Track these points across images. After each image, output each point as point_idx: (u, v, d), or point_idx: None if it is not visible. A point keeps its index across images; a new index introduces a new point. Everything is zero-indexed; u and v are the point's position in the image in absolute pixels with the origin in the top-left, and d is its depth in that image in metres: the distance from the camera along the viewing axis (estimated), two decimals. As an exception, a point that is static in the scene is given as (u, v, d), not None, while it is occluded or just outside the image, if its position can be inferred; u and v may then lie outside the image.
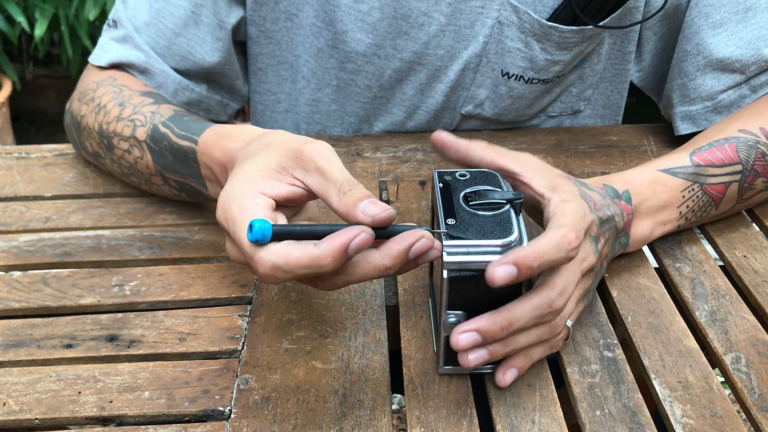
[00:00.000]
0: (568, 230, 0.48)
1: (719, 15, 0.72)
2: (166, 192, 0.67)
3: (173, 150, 0.62)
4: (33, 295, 0.60)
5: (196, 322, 0.57)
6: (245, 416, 0.49)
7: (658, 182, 0.61)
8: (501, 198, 0.50)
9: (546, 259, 0.46)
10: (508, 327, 0.47)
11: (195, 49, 0.77)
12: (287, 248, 0.44)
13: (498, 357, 0.49)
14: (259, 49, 0.82)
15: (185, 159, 0.61)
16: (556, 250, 0.47)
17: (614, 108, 0.86)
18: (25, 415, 0.49)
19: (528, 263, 0.45)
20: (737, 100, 0.73)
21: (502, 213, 0.49)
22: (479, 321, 0.47)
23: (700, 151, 0.63)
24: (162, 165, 0.64)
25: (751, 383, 0.51)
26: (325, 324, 0.56)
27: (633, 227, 0.60)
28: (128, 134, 0.66)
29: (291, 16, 0.79)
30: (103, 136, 0.69)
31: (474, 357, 0.48)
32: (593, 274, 0.54)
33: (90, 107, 0.71)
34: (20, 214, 0.70)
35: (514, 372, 0.50)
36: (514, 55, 0.75)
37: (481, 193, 0.51)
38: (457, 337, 0.47)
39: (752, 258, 0.63)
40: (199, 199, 0.65)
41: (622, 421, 0.48)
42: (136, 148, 0.65)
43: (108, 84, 0.73)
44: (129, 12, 0.76)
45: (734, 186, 0.63)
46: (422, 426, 0.48)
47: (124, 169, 0.69)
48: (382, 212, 0.45)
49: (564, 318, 0.50)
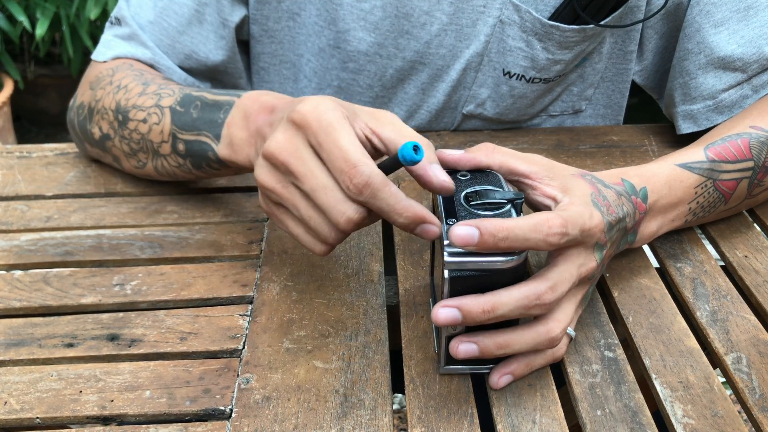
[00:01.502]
0: (555, 216, 0.47)
1: (720, 13, 0.72)
2: (168, 165, 0.66)
3: (206, 105, 0.61)
4: (34, 294, 0.60)
5: (197, 322, 0.57)
6: (246, 416, 0.49)
7: (675, 179, 0.60)
8: (502, 198, 0.50)
9: (516, 235, 0.45)
10: (491, 311, 0.46)
11: (199, 48, 0.77)
12: (385, 178, 0.47)
13: (489, 355, 0.48)
14: (261, 48, 0.82)
15: (216, 109, 0.60)
16: (531, 230, 0.46)
17: (616, 107, 0.86)
18: (26, 414, 0.49)
19: (491, 230, 0.45)
20: (739, 100, 0.73)
21: (503, 213, 0.49)
22: (462, 299, 0.46)
23: (714, 145, 0.63)
24: (180, 124, 0.62)
25: (752, 383, 0.51)
26: (326, 323, 0.56)
27: (642, 225, 0.59)
28: (150, 104, 0.65)
29: (293, 15, 0.79)
30: (119, 112, 0.68)
31: (463, 348, 0.48)
32: (592, 281, 0.53)
33: (107, 90, 0.70)
34: (21, 213, 0.70)
35: (509, 378, 0.50)
36: (516, 54, 0.75)
37: (482, 193, 0.50)
38: (437, 310, 0.46)
39: (753, 258, 0.63)
40: (198, 170, 0.64)
41: (623, 421, 0.48)
42: (155, 115, 0.65)
43: (126, 69, 0.72)
44: (132, 10, 0.76)
45: (744, 182, 0.63)
46: (423, 426, 0.48)
47: (132, 144, 0.68)
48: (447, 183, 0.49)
49: (563, 327, 0.50)
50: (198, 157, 0.62)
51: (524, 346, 0.48)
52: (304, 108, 0.48)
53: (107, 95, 0.70)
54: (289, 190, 0.49)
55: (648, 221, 0.59)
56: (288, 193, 0.49)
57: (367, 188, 0.46)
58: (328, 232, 0.49)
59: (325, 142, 0.47)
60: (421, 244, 0.64)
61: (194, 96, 0.63)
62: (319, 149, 0.47)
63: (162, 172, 0.68)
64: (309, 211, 0.49)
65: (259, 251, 0.64)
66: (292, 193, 0.49)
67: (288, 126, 0.49)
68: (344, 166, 0.46)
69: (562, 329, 0.49)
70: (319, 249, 0.51)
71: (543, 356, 0.51)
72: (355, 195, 0.46)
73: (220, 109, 0.60)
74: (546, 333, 0.48)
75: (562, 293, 0.48)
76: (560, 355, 0.51)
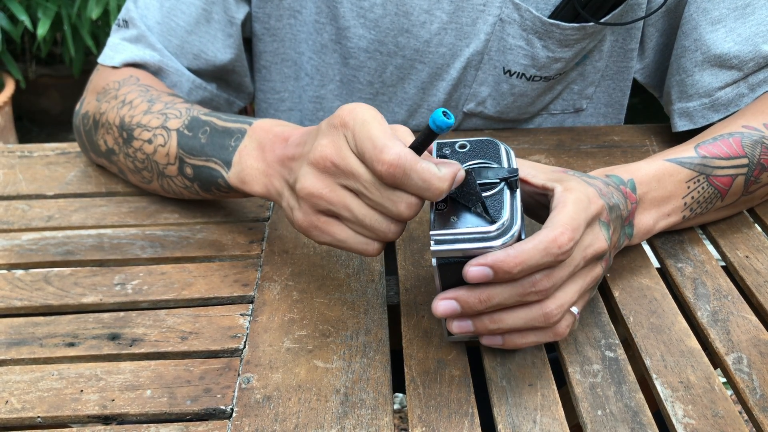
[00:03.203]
0: (562, 231, 0.47)
1: (718, 11, 0.72)
2: (174, 186, 0.66)
3: (216, 131, 0.61)
4: (35, 293, 0.60)
5: (198, 321, 0.57)
6: (247, 415, 0.49)
7: (665, 173, 0.60)
8: (495, 176, 0.48)
9: (530, 264, 0.46)
10: (487, 300, 0.47)
11: (207, 47, 0.77)
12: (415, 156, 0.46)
13: (484, 331, 0.49)
14: (263, 46, 0.82)
15: (227, 137, 0.60)
16: (543, 254, 0.46)
17: (617, 106, 0.86)
18: (27, 413, 0.49)
19: (506, 268, 0.45)
20: (735, 99, 0.73)
21: (495, 193, 0.47)
22: (459, 290, 0.47)
23: (704, 144, 0.63)
24: (188, 149, 0.63)
25: (753, 384, 0.51)
26: (326, 323, 0.56)
27: (637, 218, 0.59)
28: (156, 125, 0.65)
29: (295, 13, 0.79)
30: (123, 129, 0.68)
31: (458, 325, 0.49)
32: (603, 261, 0.52)
33: (112, 104, 0.70)
34: (23, 212, 0.70)
35: (498, 340, 0.50)
36: (516, 52, 0.75)
37: (475, 171, 0.49)
38: (437, 303, 0.47)
39: (754, 258, 0.63)
40: (207, 193, 0.64)
41: (623, 421, 0.48)
42: (160, 137, 0.65)
43: (131, 83, 0.72)
44: (140, 11, 0.76)
45: (740, 179, 0.63)
46: (424, 425, 0.48)
47: (137, 162, 0.68)
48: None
49: (561, 305, 0.49)
50: (207, 182, 0.63)
51: (518, 321, 0.48)
52: (342, 111, 0.49)
53: (111, 109, 0.70)
54: (338, 192, 0.49)
55: (641, 213, 0.59)
56: (338, 196, 0.49)
57: (397, 169, 0.45)
58: (386, 226, 0.48)
59: (358, 137, 0.47)
60: (422, 244, 0.64)
61: (202, 120, 0.63)
62: (355, 145, 0.47)
63: (168, 191, 0.68)
64: (363, 209, 0.48)
65: (260, 251, 0.64)
66: (343, 195, 0.49)
67: (329, 129, 0.49)
68: (373, 153, 0.46)
69: (558, 306, 0.48)
70: (373, 248, 0.50)
71: (543, 333, 0.50)
72: (390, 180, 0.46)
73: (231, 137, 0.60)
74: (539, 309, 0.48)
75: (560, 279, 0.48)
76: (561, 333, 0.50)
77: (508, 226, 0.46)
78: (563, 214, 0.48)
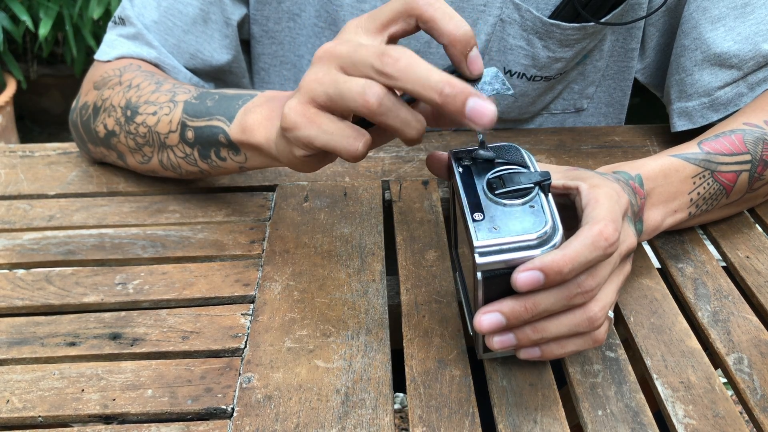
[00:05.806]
0: (606, 224, 0.45)
1: (717, 10, 0.72)
2: (173, 157, 0.66)
3: (225, 96, 0.61)
4: (36, 293, 0.60)
5: (199, 321, 0.57)
6: (247, 415, 0.49)
7: (671, 168, 0.60)
8: (528, 181, 0.46)
9: (580, 262, 0.44)
10: (534, 308, 0.45)
11: (204, 47, 0.77)
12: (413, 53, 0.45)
13: (527, 343, 0.47)
14: (262, 49, 0.82)
15: (236, 99, 0.60)
16: (592, 250, 0.44)
17: (618, 106, 0.86)
18: (28, 412, 0.49)
19: (557, 268, 0.43)
20: (734, 98, 0.73)
21: (531, 198, 0.46)
22: (503, 302, 0.45)
23: (707, 140, 0.63)
24: (192, 113, 0.62)
25: (754, 384, 0.51)
26: (327, 323, 0.56)
27: (645, 214, 0.58)
28: (164, 100, 0.65)
29: (293, 16, 0.79)
30: (128, 108, 0.67)
31: (499, 340, 0.46)
32: (630, 258, 0.52)
33: (116, 89, 0.70)
34: (24, 212, 0.70)
35: (536, 352, 0.48)
36: (516, 52, 0.75)
37: (506, 178, 0.47)
38: (480, 319, 0.45)
39: (755, 259, 0.63)
40: (204, 161, 0.63)
41: (624, 421, 0.48)
42: (166, 107, 0.64)
43: (134, 69, 0.72)
44: (137, 10, 0.76)
45: (744, 175, 0.63)
46: (424, 425, 0.48)
47: (138, 138, 0.67)
48: None
49: (603, 307, 0.47)
50: (207, 144, 0.62)
51: (563, 329, 0.47)
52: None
53: (116, 94, 0.69)
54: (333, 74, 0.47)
55: (650, 210, 0.59)
56: (332, 76, 0.47)
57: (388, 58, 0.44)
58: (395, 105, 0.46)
59: None
60: (422, 244, 0.64)
61: (213, 92, 0.63)
62: None
63: (167, 166, 0.68)
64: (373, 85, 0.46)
65: (261, 251, 0.64)
66: (336, 75, 0.47)
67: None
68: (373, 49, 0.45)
69: (602, 308, 0.47)
70: (356, 147, 0.47)
71: (583, 339, 0.48)
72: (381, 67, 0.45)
73: (239, 99, 0.60)
74: (583, 313, 0.46)
75: (603, 278, 0.47)
76: (601, 339, 0.49)
77: (552, 231, 0.45)
78: (600, 209, 0.47)
